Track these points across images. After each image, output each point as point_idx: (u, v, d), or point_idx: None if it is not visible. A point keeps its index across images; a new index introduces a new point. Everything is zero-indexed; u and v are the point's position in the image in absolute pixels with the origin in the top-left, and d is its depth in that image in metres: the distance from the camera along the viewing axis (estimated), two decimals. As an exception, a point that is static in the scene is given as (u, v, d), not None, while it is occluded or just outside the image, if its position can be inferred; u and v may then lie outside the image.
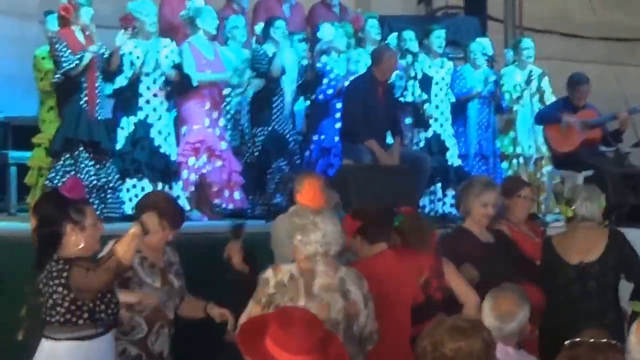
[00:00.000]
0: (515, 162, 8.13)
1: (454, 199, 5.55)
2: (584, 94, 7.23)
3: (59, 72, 6.27)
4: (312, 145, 7.53)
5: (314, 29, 7.90)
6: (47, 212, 3.49)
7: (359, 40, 7.89)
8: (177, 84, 6.75)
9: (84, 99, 6.35)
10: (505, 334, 3.36)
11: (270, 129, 7.21)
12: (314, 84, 7.49)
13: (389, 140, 7.01)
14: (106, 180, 6.40)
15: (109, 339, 3.53)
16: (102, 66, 6.43)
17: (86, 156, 6.33)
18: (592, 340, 2.75)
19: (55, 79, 6.38)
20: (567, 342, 2.78)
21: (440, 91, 7.72)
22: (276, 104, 7.27)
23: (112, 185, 6.40)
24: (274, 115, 7.24)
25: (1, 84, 8.60)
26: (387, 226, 4.32)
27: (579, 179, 6.89)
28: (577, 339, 2.77)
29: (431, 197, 7.50)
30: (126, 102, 6.80)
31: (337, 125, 7.30)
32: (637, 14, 11.50)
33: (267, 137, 7.18)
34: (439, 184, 7.54)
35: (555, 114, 7.25)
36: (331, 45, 7.51)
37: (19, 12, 9.04)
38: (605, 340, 2.76)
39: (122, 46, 6.55)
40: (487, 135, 7.92)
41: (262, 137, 7.19)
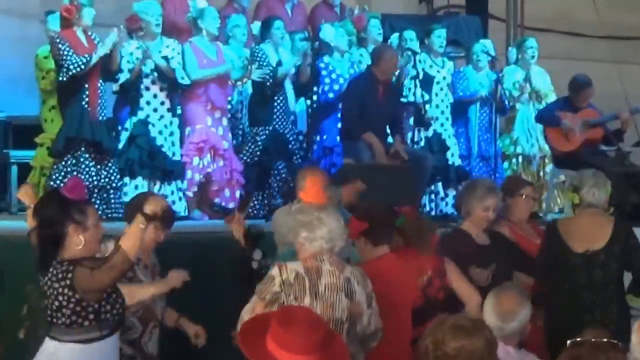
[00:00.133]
0: (515, 161, 8.10)
1: (455, 199, 5.55)
2: (587, 98, 7.22)
3: (64, 74, 6.26)
4: (314, 145, 7.52)
5: (315, 28, 7.89)
6: (49, 213, 3.47)
7: (361, 40, 7.88)
8: (171, 80, 6.73)
9: (86, 99, 6.36)
10: (506, 333, 3.35)
11: (271, 128, 7.21)
12: (312, 84, 7.47)
13: (389, 139, 7.00)
14: (108, 180, 6.41)
15: (114, 340, 3.51)
16: (103, 65, 6.42)
17: (87, 156, 6.33)
18: (594, 339, 2.74)
19: (59, 79, 6.37)
20: (568, 342, 2.77)
21: (440, 91, 7.70)
22: (277, 104, 7.26)
23: (114, 185, 6.41)
24: (275, 115, 7.24)
25: (2, 84, 8.61)
26: (390, 228, 4.32)
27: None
28: (578, 339, 2.76)
29: (431, 196, 7.49)
30: (129, 102, 6.81)
31: (339, 124, 7.30)
32: (641, 13, 11.46)
33: (268, 136, 7.18)
34: (440, 183, 7.54)
35: (555, 116, 7.23)
36: (333, 45, 7.50)
37: (20, 12, 9.04)
38: (606, 339, 2.75)
39: (124, 47, 6.55)
40: (488, 136, 7.91)
41: (263, 137, 7.18)
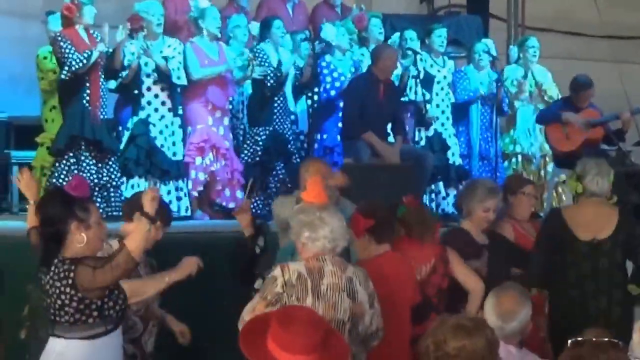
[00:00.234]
0: (514, 160, 8.10)
1: (455, 199, 5.55)
2: (587, 98, 7.21)
3: (66, 70, 6.26)
4: (315, 144, 7.52)
5: (316, 28, 7.88)
6: (53, 211, 3.47)
7: (362, 39, 7.88)
8: (169, 78, 6.73)
9: (87, 98, 6.36)
10: (507, 333, 3.36)
11: (271, 129, 7.21)
12: (312, 84, 7.46)
13: (390, 139, 6.99)
14: (108, 178, 6.41)
15: (118, 333, 3.53)
16: (105, 64, 6.43)
17: (88, 155, 6.34)
18: (595, 339, 2.74)
19: (61, 76, 6.37)
20: (569, 341, 2.77)
21: (441, 90, 7.69)
22: (277, 104, 7.26)
23: (114, 183, 6.41)
24: (275, 115, 7.24)
25: (3, 84, 8.62)
26: (392, 226, 4.31)
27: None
28: (579, 338, 2.76)
29: (432, 195, 7.49)
30: (130, 102, 6.81)
31: (340, 124, 7.29)
32: (642, 12, 11.46)
33: (268, 137, 7.18)
34: (441, 183, 7.53)
35: (555, 112, 7.23)
36: (335, 44, 7.50)
37: (21, 12, 9.05)
38: (607, 339, 2.74)
39: (126, 46, 6.55)
40: (488, 135, 7.90)
41: (263, 137, 7.18)
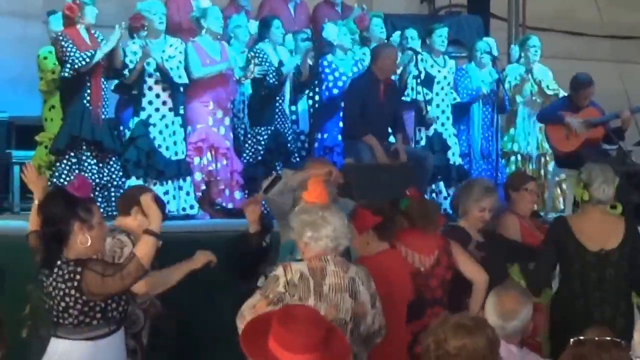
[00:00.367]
0: (513, 159, 8.09)
1: (451, 199, 5.55)
2: (587, 97, 7.20)
3: (68, 67, 6.26)
4: (315, 144, 7.52)
5: (317, 27, 7.88)
6: (55, 211, 3.46)
7: (364, 39, 7.88)
8: (170, 78, 6.73)
9: (88, 98, 6.36)
10: (507, 332, 3.36)
11: (272, 128, 7.21)
12: (310, 83, 7.46)
13: (391, 138, 6.99)
14: (109, 178, 6.41)
15: (121, 333, 3.53)
16: (106, 64, 6.42)
17: (89, 154, 6.34)
18: (597, 338, 2.74)
19: (63, 74, 6.37)
20: (572, 340, 2.76)
21: (441, 90, 7.69)
22: (278, 104, 7.27)
23: (115, 183, 6.41)
24: (276, 114, 7.24)
25: (5, 84, 8.62)
26: (394, 224, 4.31)
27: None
28: (581, 337, 2.75)
29: (433, 195, 7.49)
30: (131, 102, 6.81)
31: (341, 124, 7.29)
32: (643, 12, 11.45)
33: (270, 136, 7.18)
34: (442, 182, 7.53)
35: (557, 114, 7.23)
36: (336, 44, 7.50)
37: (23, 12, 9.05)
38: (610, 338, 2.74)
39: (128, 46, 6.55)
40: (489, 134, 7.89)
41: (265, 137, 7.18)
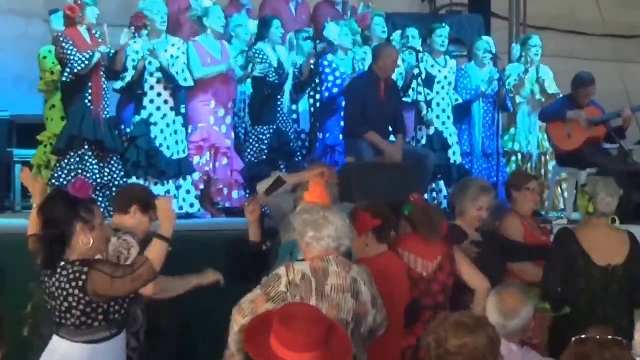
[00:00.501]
0: (514, 158, 8.09)
1: (448, 198, 5.55)
2: (588, 95, 7.20)
3: (68, 71, 6.26)
4: (316, 143, 7.52)
5: (318, 27, 7.88)
6: (57, 212, 3.46)
7: (365, 38, 7.87)
8: (172, 79, 6.73)
9: (89, 98, 6.36)
10: (509, 331, 3.37)
11: (275, 127, 7.21)
12: (311, 83, 7.45)
13: (391, 138, 6.99)
14: (110, 178, 6.41)
15: (122, 337, 3.52)
16: (107, 65, 6.43)
17: (91, 154, 6.34)
18: (599, 337, 2.74)
19: (63, 78, 6.37)
20: (574, 339, 2.76)
21: (442, 90, 7.68)
22: (280, 103, 7.27)
23: (117, 183, 6.41)
24: (278, 113, 7.24)
25: (6, 83, 8.63)
26: (392, 227, 4.31)
27: (583, 177, 6.87)
28: (583, 336, 2.75)
29: (434, 194, 7.48)
30: (132, 101, 6.81)
31: (342, 123, 7.29)
32: (643, 11, 11.45)
33: (273, 135, 7.18)
34: (442, 181, 7.53)
35: (559, 111, 7.23)
36: (337, 44, 7.50)
37: (24, 11, 9.06)
38: (611, 337, 2.74)
39: (129, 46, 6.56)
40: (491, 133, 7.89)
41: (268, 136, 7.18)
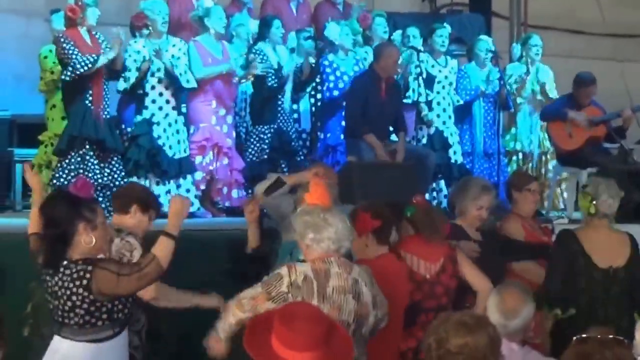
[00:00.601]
0: (515, 158, 8.09)
1: (448, 198, 5.54)
2: (589, 95, 7.20)
3: (70, 71, 6.26)
4: (317, 143, 7.52)
5: (319, 26, 7.88)
6: (59, 212, 3.45)
7: (366, 38, 7.87)
8: (175, 80, 6.74)
9: (90, 98, 6.36)
10: (509, 330, 3.37)
11: (276, 127, 7.21)
12: (311, 82, 7.46)
13: (393, 137, 6.99)
14: (111, 178, 6.41)
15: (125, 335, 3.53)
16: (107, 65, 6.42)
17: (92, 154, 6.34)
18: (600, 336, 2.74)
19: (63, 77, 6.37)
20: (574, 338, 2.76)
21: (442, 89, 7.68)
22: (280, 102, 7.27)
23: (117, 183, 6.41)
24: (279, 113, 7.24)
25: (7, 82, 8.64)
26: (392, 227, 4.30)
27: (584, 177, 6.87)
28: (584, 335, 2.76)
29: (434, 193, 7.48)
30: (134, 101, 6.81)
31: (343, 123, 7.29)
32: (644, 10, 11.45)
33: (273, 135, 7.18)
34: (442, 181, 7.53)
35: (561, 110, 7.23)
36: (338, 44, 7.50)
37: (25, 11, 9.06)
38: (612, 336, 2.74)
39: (130, 45, 6.55)
40: (492, 133, 7.89)
41: (269, 135, 7.19)
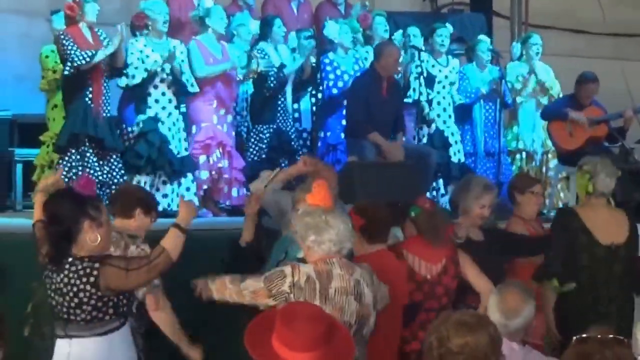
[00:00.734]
0: (518, 157, 8.08)
1: (450, 197, 5.53)
2: (590, 93, 7.19)
3: (69, 66, 6.26)
4: (318, 142, 7.53)
5: (319, 26, 7.88)
6: (64, 210, 3.46)
7: (367, 38, 7.87)
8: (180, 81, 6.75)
9: (89, 96, 6.36)
10: (510, 330, 3.37)
11: (275, 126, 7.21)
12: (312, 81, 7.46)
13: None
14: (110, 176, 6.41)
15: (128, 326, 3.56)
16: (108, 63, 6.43)
17: (91, 152, 6.34)
18: (600, 336, 2.74)
19: (64, 72, 6.37)
20: (574, 338, 2.76)
21: (443, 89, 7.68)
22: (280, 102, 7.27)
23: (116, 181, 6.41)
24: (279, 112, 7.24)
25: (9, 82, 8.65)
26: (387, 228, 4.30)
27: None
28: (584, 335, 2.76)
29: (433, 192, 7.48)
30: (135, 100, 6.81)
31: (344, 121, 7.28)
32: (645, 10, 11.45)
33: (273, 134, 7.18)
34: (441, 180, 7.53)
35: (561, 110, 7.23)
36: (337, 42, 7.50)
37: (27, 11, 9.07)
38: (612, 335, 2.74)
39: (131, 44, 6.55)
40: (493, 132, 7.89)
41: (268, 135, 7.19)
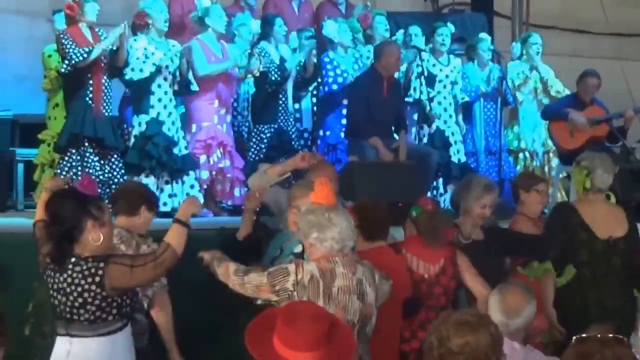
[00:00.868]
0: (521, 156, 8.09)
1: (451, 196, 5.53)
2: (590, 87, 7.17)
3: (66, 64, 6.26)
4: (318, 141, 7.53)
5: (320, 26, 7.89)
6: (66, 209, 3.46)
7: (368, 37, 7.87)
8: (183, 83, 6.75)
9: (90, 95, 6.36)
10: (511, 329, 3.37)
11: (276, 126, 7.22)
12: (314, 81, 7.46)
13: (395, 135, 6.99)
14: (110, 175, 6.41)
15: (129, 327, 3.56)
16: (108, 62, 6.43)
17: (91, 152, 6.35)
18: (600, 335, 2.74)
19: (62, 70, 6.37)
20: (574, 338, 2.76)
21: (443, 89, 7.68)
22: (281, 102, 7.27)
23: (116, 180, 6.41)
24: (279, 112, 7.25)
25: (10, 82, 8.65)
26: (385, 226, 4.31)
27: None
28: (584, 335, 2.76)
29: (433, 192, 7.49)
30: (136, 100, 6.81)
31: (343, 121, 7.28)
32: (646, 10, 11.45)
33: (273, 134, 7.19)
34: (441, 179, 7.53)
35: (562, 110, 7.22)
36: (337, 41, 7.50)
37: (29, 11, 9.08)
38: (612, 335, 2.74)
39: (134, 40, 6.56)
40: (495, 131, 7.89)
41: (268, 135, 7.19)
